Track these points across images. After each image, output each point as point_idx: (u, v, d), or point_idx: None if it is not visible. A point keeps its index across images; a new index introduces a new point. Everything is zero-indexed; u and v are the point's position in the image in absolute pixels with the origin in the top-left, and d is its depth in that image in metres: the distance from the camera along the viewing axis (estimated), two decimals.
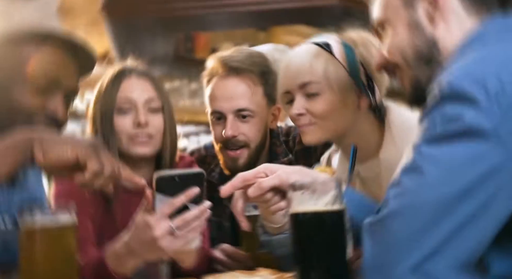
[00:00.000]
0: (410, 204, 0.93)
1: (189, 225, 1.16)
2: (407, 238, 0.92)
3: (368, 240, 0.97)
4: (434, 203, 0.91)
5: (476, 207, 0.90)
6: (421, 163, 0.93)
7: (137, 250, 1.20)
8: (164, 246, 1.15)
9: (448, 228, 0.91)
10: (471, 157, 0.90)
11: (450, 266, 0.90)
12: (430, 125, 0.95)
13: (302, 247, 1.03)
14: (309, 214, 1.02)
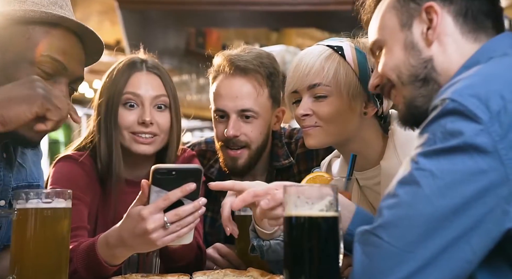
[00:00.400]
0: (404, 216, 0.93)
1: (182, 220, 1.15)
2: (398, 250, 0.92)
3: (359, 249, 0.96)
4: (429, 216, 0.91)
5: (471, 223, 0.90)
6: (418, 176, 0.93)
7: (128, 241, 1.20)
8: (155, 239, 1.15)
9: (441, 243, 0.91)
10: (469, 173, 0.90)
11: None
12: (430, 139, 0.95)
13: (294, 250, 1.02)
14: (302, 218, 1.01)
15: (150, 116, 1.63)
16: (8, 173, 1.44)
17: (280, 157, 1.89)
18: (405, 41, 1.14)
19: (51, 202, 1.10)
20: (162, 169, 1.15)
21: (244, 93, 1.78)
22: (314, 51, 1.49)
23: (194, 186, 1.15)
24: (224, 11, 4.08)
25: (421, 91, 1.12)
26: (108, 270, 1.30)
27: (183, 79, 4.76)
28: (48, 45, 1.35)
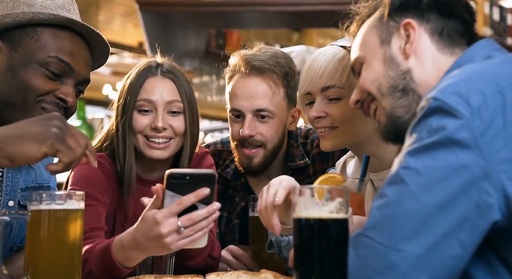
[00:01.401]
0: (392, 215, 0.95)
1: (196, 224, 1.16)
2: (389, 249, 0.94)
3: (353, 253, 0.98)
4: (416, 213, 0.93)
5: (457, 218, 0.92)
6: (404, 174, 0.95)
7: (143, 244, 1.22)
8: (169, 243, 1.16)
9: (430, 240, 0.92)
10: (452, 168, 0.92)
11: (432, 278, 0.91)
12: (417, 138, 0.97)
13: (303, 252, 1.02)
14: (312, 220, 1.01)
15: (163, 121, 1.64)
16: (16, 174, 1.47)
17: (295, 158, 1.88)
18: (384, 56, 1.19)
19: (64, 203, 1.11)
20: (176, 174, 1.16)
21: (259, 92, 1.78)
22: (327, 52, 1.48)
23: (208, 191, 1.16)
24: (244, 12, 4.08)
25: (400, 102, 1.16)
26: (122, 272, 1.31)
27: (203, 80, 4.78)
28: (56, 47, 1.38)
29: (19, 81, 1.35)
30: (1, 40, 1.37)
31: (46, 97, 1.37)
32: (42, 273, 1.09)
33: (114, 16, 7.09)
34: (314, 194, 1.02)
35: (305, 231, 1.02)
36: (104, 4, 6.89)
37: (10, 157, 1.07)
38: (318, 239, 1.00)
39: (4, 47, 1.37)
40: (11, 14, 1.35)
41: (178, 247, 1.18)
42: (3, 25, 1.36)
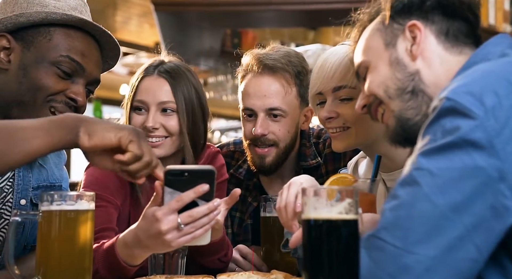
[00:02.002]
0: (405, 216, 0.93)
1: (197, 221, 1.15)
2: (402, 251, 0.92)
3: (365, 255, 0.96)
4: (430, 215, 0.91)
5: (473, 221, 0.90)
6: (417, 176, 0.94)
7: (144, 241, 1.22)
8: (169, 240, 1.15)
9: (445, 242, 0.90)
10: (467, 169, 0.90)
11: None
12: (431, 139, 0.95)
13: (312, 253, 1.01)
14: (321, 221, 1.00)
15: (153, 121, 1.64)
16: (28, 173, 1.49)
17: (307, 157, 1.87)
18: (390, 58, 1.18)
19: (75, 204, 1.12)
20: (174, 170, 1.16)
21: (272, 91, 1.78)
22: (339, 52, 1.47)
23: (207, 187, 1.15)
24: (259, 11, 4.08)
25: (410, 104, 1.15)
26: (127, 270, 1.31)
27: (218, 80, 4.79)
28: (67, 46, 1.40)
29: (30, 79, 1.37)
30: (14, 39, 1.39)
31: (57, 96, 1.39)
32: (53, 273, 1.10)
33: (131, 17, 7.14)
34: (324, 195, 1.01)
35: (314, 232, 1.01)
36: (121, 4, 6.94)
37: (90, 133, 1.11)
38: (327, 240, 0.99)
39: (17, 46, 1.39)
40: (25, 13, 1.37)
41: (179, 244, 1.17)
42: (17, 24, 1.38)
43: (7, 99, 1.37)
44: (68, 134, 1.12)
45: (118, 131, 1.12)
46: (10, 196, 1.45)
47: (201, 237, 1.19)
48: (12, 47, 1.39)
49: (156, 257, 1.40)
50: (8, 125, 1.12)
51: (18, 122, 1.14)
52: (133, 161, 1.13)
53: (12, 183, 1.45)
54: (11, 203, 1.44)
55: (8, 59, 1.38)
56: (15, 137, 1.10)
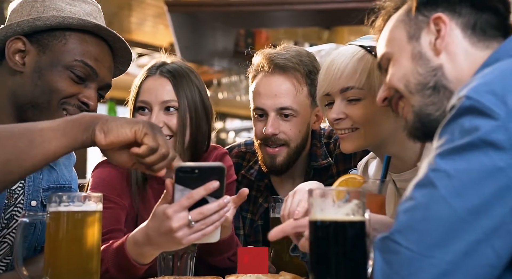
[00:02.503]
0: (421, 219, 0.90)
1: (207, 218, 1.15)
2: (417, 255, 0.89)
3: (379, 257, 0.94)
4: (447, 218, 0.88)
5: (492, 225, 0.86)
6: (434, 177, 0.91)
7: (155, 239, 1.21)
8: (180, 237, 1.15)
9: (462, 246, 0.87)
10: (486, 171, 0.87)
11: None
12: (448, 139, 0.92)
13: (319, 255, 1.00)
14: (327, 222, 0.99)
15: (157, 120, 1.65)
16: (38, 174, 1.50)
17: (318, 157, 1.86)
18: (413, 52, 1.14)
19: (82, 205, 1.12)
20: (184, 168, 1.15)
21: (283, 91, 1.77)
22: (346, 52, 1.45)
23: (218, 184, 1.14)
24: (272, 11, 4.07)
25: (431, 99, 1.11)
26: (137, 269, 1.31)
27: (232, 80, 4.79)
28: (82, 51, 1.42)
29: (45, 82, 1.39)
30: (30, 42, 1.41)
31: (70, 99, 1.41)
32: (61, 274, 1.10)
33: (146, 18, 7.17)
34: (330, 196, 1.00)
35: (321, 233, 1.00)
36: (136, 6, 6.97)
37: (106, 131, 1.12)
38: (334, 241, 0.99)
39: (33, 49, 1.41)
40: (42, 17, 1.39)
41: (190, 242, 1.17)
42: (33, 27, 1.40)
43: (22, 101, 1.39)
44: (84, 134, 1.13)
45: (132, 125, 1.13)
46: (22, 198, 1.46)
47: (211, 235, 1.19)
48: (27, 50, 1.40)
49: (165, 258, 1.40)
50: (25, 128, 1.13)
51: (34, 124, 1.14)
52: (149, 154, 1.13)
53: (23, 185, 1.47)
54: (22, 205, 1.45)
55: (23, 61, 1.40)
56: (32, 139, 1.11)
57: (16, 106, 1.39)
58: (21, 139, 1.11)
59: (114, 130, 1.12)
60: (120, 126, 1.13)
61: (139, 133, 1.12)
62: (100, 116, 1.15)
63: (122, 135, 1.12)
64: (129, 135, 1.13)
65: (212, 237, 1.19)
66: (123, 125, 1.13)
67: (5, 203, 1.42)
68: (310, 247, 1.02)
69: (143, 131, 1.13)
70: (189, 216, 1.14)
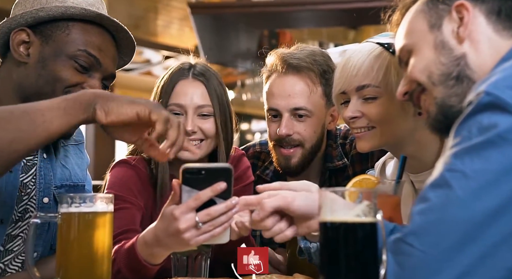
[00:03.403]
0: (437, 221, 0.87)
1: (215, 220, 1.14)
2: (433, 258, 0.86)
3: (391, 260, 0.91)
4: (464, 220, 0.85)
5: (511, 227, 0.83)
6: (450, 177, 0.88)
7: (163, 240, 1.21)
8: (188, 239, 1.14)
9: (480, 250, 0.84)
10: (505, 171, 0.84)
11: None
12: (465, 136, 0.89)
13: (329, 256, 0.98)
14: (338, 224, 0.97)
15: (192, 125, 1.65)
16: (49, 172, 1.52)
17: (334, 158, 1.83)
18: (435, 41, 1.10)
19: (93, 206, 1.12)
20: (191, 169, 1.14)
21: (296, 91, 1.75)
22: (362, 49, 1.43)
23: (225, 185, 1.13)
24: (295, 12, 4.05)
25: (454, 90, 1.07)
26: (148, 269, 1.31)
27: (256, 81, 4.78)
28: (85, 41, 1.44)
29: (49, 72, 1.41)
30: (34, 34, 1.43)
31: (74, 89, 1.41)
32: (72, 275, 1.10)
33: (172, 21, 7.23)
34: (340, 197, 0.98)
35: (331, 235, 0.98)
36: (162, 9, 7.04)
37: (107, 111, 1.15)
38: (344, 243, 0.96)
39: (36, 40, 1.43)
40: (45, 8, 1.41)
41: (198, 243, 1.16)
42: (37, 18, 1.42)
43: (27, 91, 1.41)
44: (85, 112, 1.15)
45: (133, 106, 1.15)
46: (34, 193, 1.48)
47: (220, 236, 1.17)
48: (31, 41, 1.42)
49: (179, 259, 1.39)
50: (25, 109, 1.16)
51: (34, 105, 1.17)
52: (163, 129, 1.15)
53: (35, 181, 1.49)
54: (35, 201, 1.48)
55: (27, 52, 1.42)
56: (34, 120, 1.13)
57: (21, 97, 1.42)
58: (22, 120, 1.13)
59: (115, 110, 1.14)
60: (121, 106, 1.15)
61: (143, 112, 1.14)
62: (100, 94, 1.17)
63: (123, 115, 1.15)
64: (130, 115, 1.15)
65: (221, 238, 1.18)
66: (123, 105, 1.15)
67: (17, 195, 1.44)
68: (320, 248, 1.00)
69: (146, 110, 1.14)
70: (197, 217, 1.13)
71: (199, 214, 1.13)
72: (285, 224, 1.15)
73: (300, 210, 1.12)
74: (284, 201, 1.13)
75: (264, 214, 1.13)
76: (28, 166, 1.49)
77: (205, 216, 1.13)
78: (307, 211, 1.12)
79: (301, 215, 1.13)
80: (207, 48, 4.41)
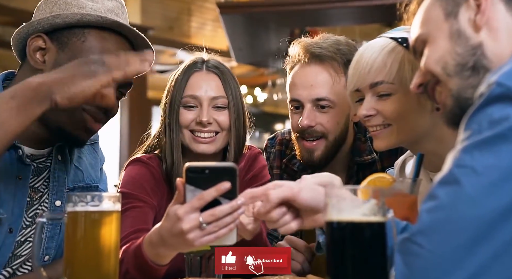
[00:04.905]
0: (446, 220, 0.83)
1: (220, 220, 1.10)
2: (442, 258, 0.81)
3: (399, 260, 0.87)
4: (475, 219, 0.81)
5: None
6: (459, 174, 0.83)
7: (167, 240, 1.18)
8: (192, 240, 1.11)
9: (492, 249, 0.80)
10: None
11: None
12: (475, 130, 0.84)
13: (336, 258, 0.94)
14: (344, 223, 0.93)
15: (208, 116, 1.64)
16: (63, 174, 1.51)
17: (362, 153, 1.77)
18: (451, 30, 1.04)
19: (99, 205, 1.11)
20: (194, 168, 1.11)
21: (319, 81, 1.70)
22: (375, 45, 1.38)
23: (229, 185, 1.10)
24: (325, 9, 3.99)
25: (470, 81, 1.01)
26: (155, 270, 1.30)
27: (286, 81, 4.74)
28: (101, 49, 1.41)
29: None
30: (50, 40, 1.41)
31: None
32: (79, 275, 1.10)
33: (205, 22, 7.27)
34: (347, 196, 0.94)
35: (337, 236, 0.94)
36: (196, 11, 7.09)
37: (70, 97, 1.15)
38: (350, 243, 0.92)
39: (53, 47, 1.41)
40: (61, 15, 1.40)
41: (202, 244, 1.13)
42: (53, 25, 1.40)
43: None
44: (41, 104, 1.16)
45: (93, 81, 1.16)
46: (46, 197, 1.47)
47: (226, 237, 1.14)
48: (47, 47, 1.41)
49: (192, 259, 1.37)
50: None
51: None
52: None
53: (48, 184, 1.48)
54: (47, 204, 1.47)
55: (43, 59, 1.41)
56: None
57: None
58: None
59: (80, 94, 1.16)
60: (84, 87, 1.16)
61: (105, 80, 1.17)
62: (49, 82, 1.17)
63: (89, 94, 1.17)
64: (95, 91, 1.17)
65: (227, 239, 1.15)
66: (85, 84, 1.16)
67: (28, 200, 1.43)
68: (327, 249, 0.97)
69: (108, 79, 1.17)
70: (201, 217, 1.10)
71: (203, 215, 1.10)
72: (290, 216, 1.12)
73: (306, 201, 1.09)
74: (291, 192, 1.10)
75: (270, 205, 1.10)
76: (40, 169, 1.48)
77: (209, 216, 1.10)
78: (314, 203, 1.09)
79: (308, 208, 1.10)
80: (237, 48, 4.40)
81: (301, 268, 1.49)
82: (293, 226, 1.12)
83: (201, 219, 1.10)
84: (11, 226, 1.38)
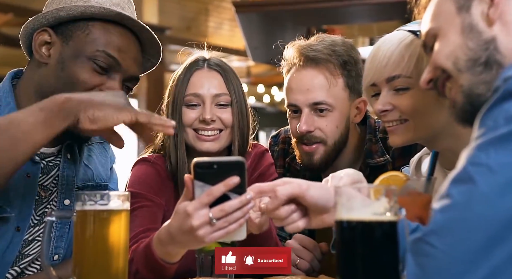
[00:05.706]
0: (460, 219, 0.80)
1: (230, 215, 1.09)
2: (455, 259, 0.79)
3: (411, 261, 0.84)
4: (490, 218, 0.78)
5: None
6: (473, 172, 0.80)
7: (177, 237, 1.17)
8: (202, 236, 1.10)
9: (507, 250, 0.77)
10: None
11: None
12: (490, 127, 0.82)
13: (346, 258, 0.92)
14: (354, 222, 0.91)
15: (211, 113, 1.63)
16: (72, 173, 1.50)
17: (374, 154, 1.74)
18: (463, 25, 1.01)
19: (108, 204, 1.10)
20: (202, 163, 1.10)
21: (315, 85, 1.67)
22: (393, 38, 1.35)
23: (238, 179, 1.08)
24: (342, 7, 3.95)
25: (482, 77, 0.98)
26: (166, 268, 1.29)
27: None
28: (105, 41, 1.40)
29: (68, 74, 1.38)
30: (55, 34, 1.41)
31: (93, 91, 1.39)
32: (87, 274, 1.09)
33: (222, 22, 7.28)
34: (358, 195, 0.92)
35: (347, 236, 0.92)
36: (213, 10, 7.10)
37: (93, 119, 1.16)
38: (361, 243, 0.90)
39: (57, 41, 1.41)
40: (65, 7, 1.39)
41: (212, 240, 1.12)
42: (57, 18, 1.40)
43: (47, 92, 1.34)
44: (66, 120, 1.17)
45: (119, 115, 1.17)
46: (55, 195, 1.47)
47: (236, 232, 1.12)
48: (53, 41, 1.41)
49: (204, 258, 1.36)
50: (6, 126, 1.17)
51: (11, 119, 1.18)
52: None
53: (57, 183, 1.48)
54: (56, 203, 1.46)
55: (49, 53, 1.40)
56: (14, 136, 1.14)
57: (41, 98, 1.35)
58: (2, 138, 1.14)
59: (102, 119, 1.15)
60: (107, 115, 1.16)
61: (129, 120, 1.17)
62: (78, 100, 1.18)
63: (110, 124, 1.17)
64: (115, 123, 1.16)
65: (237, 235, 1.13)
66: (109, 113, 1.16)
67: (36, 199, 1.43)
68: (337, 248, 0.94)
69: (132, 117, 1.17)
70: (210, 213, 1.09)
71: (213, 210, 1.09)
72: (298, 214, 1.10)
73: (314, 199, 1.07)
74: (299, 189, 1.08)
75: (278, 202, 1.09)
76: (49, 167, 1.47)
77: (219, 212, 1.08)
78: (322, 202, 1.07)
79: (315, 206, 1.08)
80: (253, 47, 4.38)
81: (310, 267, 1.47)
82: (300, 224, 1.10)
83: (211, 215, 1.08)
84: (18, 224, 1.38)
